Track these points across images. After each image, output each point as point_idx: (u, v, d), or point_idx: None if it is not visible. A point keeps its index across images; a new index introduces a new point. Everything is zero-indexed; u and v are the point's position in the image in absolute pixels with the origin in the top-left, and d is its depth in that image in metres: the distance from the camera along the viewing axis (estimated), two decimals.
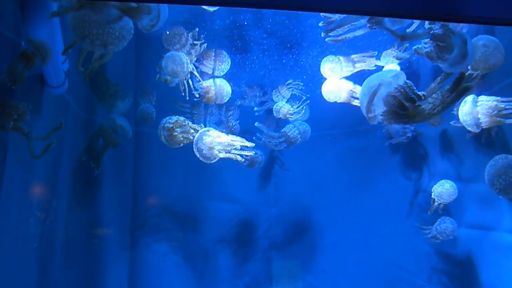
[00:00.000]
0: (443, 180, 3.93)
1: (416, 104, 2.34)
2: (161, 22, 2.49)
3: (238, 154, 3.18)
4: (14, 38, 2.62)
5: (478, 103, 3.16)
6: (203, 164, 4.47)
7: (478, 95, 3.12)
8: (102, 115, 3.90)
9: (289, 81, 3.86)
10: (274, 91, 4.01)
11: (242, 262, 4.58)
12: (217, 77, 3.66)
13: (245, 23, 3.60)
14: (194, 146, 3.19)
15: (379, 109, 2.43)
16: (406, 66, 3.85)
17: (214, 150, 3.14)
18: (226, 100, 3.71)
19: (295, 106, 3.94)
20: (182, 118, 3.33)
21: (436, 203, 3.89)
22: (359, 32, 2.58)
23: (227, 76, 3.75)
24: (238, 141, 3.14)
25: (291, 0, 1.83)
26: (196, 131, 3.24)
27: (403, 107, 2.35)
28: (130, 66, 4.11)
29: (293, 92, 3.91)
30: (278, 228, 4.64)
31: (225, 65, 3.62)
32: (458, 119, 3.26)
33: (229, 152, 3.15)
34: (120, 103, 3.86)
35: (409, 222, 4.48)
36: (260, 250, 4.60)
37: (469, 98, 3.22)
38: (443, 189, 3.87)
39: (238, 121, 4.01)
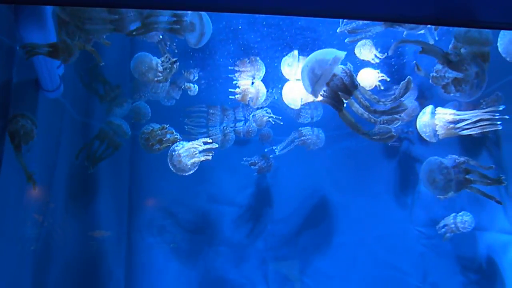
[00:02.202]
0: None
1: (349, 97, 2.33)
2: (206, 38, 2.67)
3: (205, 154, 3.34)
4: (8, 43, 2.64)
5: (436, 115, 3.22)
6: (199, 166, 4.52)
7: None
8: (98, 118, 3.92)
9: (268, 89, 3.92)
10: (250, 98, 4.07)
11: (239, 264, 4.59)
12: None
13: (240, 27, 3.63)
14: (169, 163, 3.33)
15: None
16: (396, 69, 3.89)
17: (182, 160, 3.27)
18: (261, 101, 3.76)
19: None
20: (158, 126, 3.44)
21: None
22: (376, 29, 2.59)
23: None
24: (199, 145, 3.29)
25: (289, 6, 1.86)
26: (171, 135, 3.40)
27: (338, 98, 2.34)
28: (125, 68, 4.13)
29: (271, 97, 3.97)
30: (275, 230, 4.65)
31: (261, 72, 3.67)
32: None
33: (195, 157, 3.29)
34: (118, 109, 3.87)
35: (404, 223, 4.50)
36: (257, 252, 4.61)
37: (428, 110, 3.28)
38: None
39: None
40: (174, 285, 4.51)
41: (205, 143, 3.29)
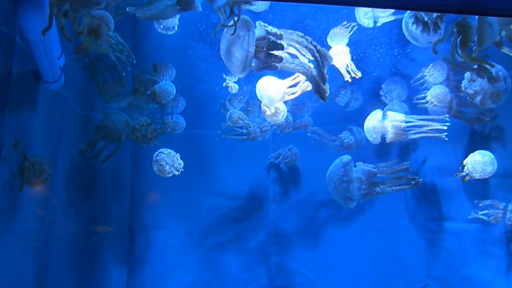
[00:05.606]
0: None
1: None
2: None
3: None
4: (8, 32, 2.61)
5: (387, 120, 3.24)
6: (202, 160, 4.49)
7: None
8: (99, 111, 3.88)
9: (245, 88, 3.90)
10: (227, 99, 4.06)
11: (241, 258, 4.57)
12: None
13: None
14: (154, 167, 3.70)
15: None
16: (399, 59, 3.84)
17: (165, 169, 3.64)
18: (275, 119, 3.76)
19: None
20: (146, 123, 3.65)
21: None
22: None
23: None
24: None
25: None
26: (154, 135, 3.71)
27: (272, 59, 2.38)
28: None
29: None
30: (277, 224, 4.63)
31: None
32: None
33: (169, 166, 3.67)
34: (115, 103, 3.79)
35: (409, 217, 4.47)
36: (259, 246, 4.59)
37: (377, 113, 3.30)
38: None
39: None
40: (176, 280, 4.49)
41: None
